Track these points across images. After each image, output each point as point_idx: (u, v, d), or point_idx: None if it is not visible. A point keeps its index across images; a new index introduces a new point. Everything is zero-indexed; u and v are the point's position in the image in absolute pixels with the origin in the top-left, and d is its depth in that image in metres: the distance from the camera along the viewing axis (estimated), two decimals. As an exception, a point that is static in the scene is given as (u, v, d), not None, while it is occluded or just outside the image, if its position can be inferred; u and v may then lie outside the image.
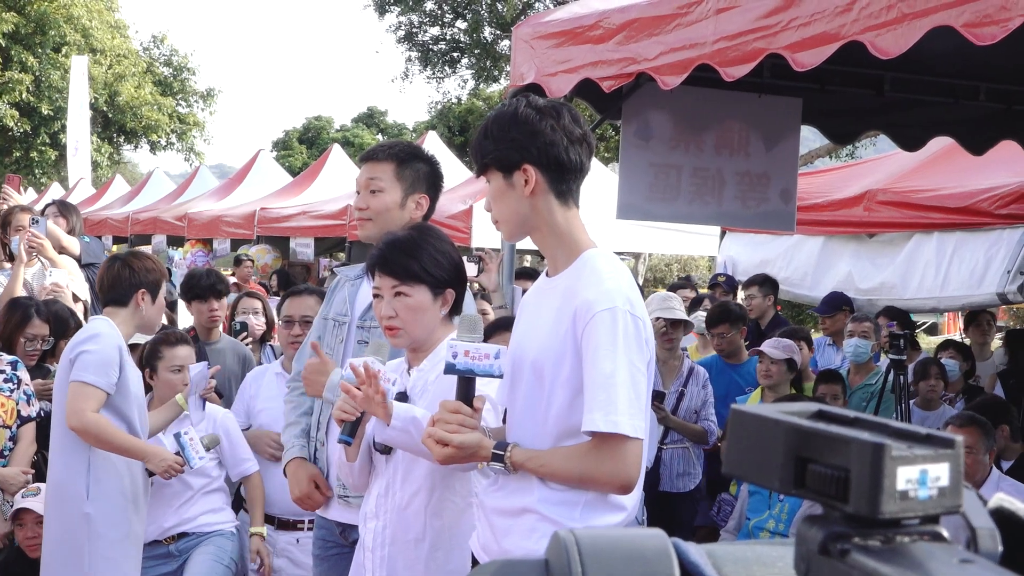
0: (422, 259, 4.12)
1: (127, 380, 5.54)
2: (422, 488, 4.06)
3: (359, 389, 3.80)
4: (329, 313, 5.02)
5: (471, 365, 3.47)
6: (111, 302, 5.75)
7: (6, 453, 6.39)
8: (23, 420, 6.49)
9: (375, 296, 4.22)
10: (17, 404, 6.45)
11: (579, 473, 3.39)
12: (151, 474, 5.71)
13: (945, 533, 0.91)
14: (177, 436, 5.54)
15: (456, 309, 4.19)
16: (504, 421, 3.77)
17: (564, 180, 3.61)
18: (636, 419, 3.34)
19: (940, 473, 0.88)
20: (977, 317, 10.81)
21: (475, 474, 4.04)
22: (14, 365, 6.53)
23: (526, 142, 3.55)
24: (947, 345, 9.47)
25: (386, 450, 4.13)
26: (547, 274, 3.76)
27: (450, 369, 3.50)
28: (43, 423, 6.61)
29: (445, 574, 4.05)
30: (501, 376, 3.51)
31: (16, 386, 6.47)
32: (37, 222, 8.32)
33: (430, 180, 4.97)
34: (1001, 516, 1.02)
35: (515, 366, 3.57)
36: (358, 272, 5.02)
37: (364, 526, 4.22)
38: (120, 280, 5.71)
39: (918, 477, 0.88)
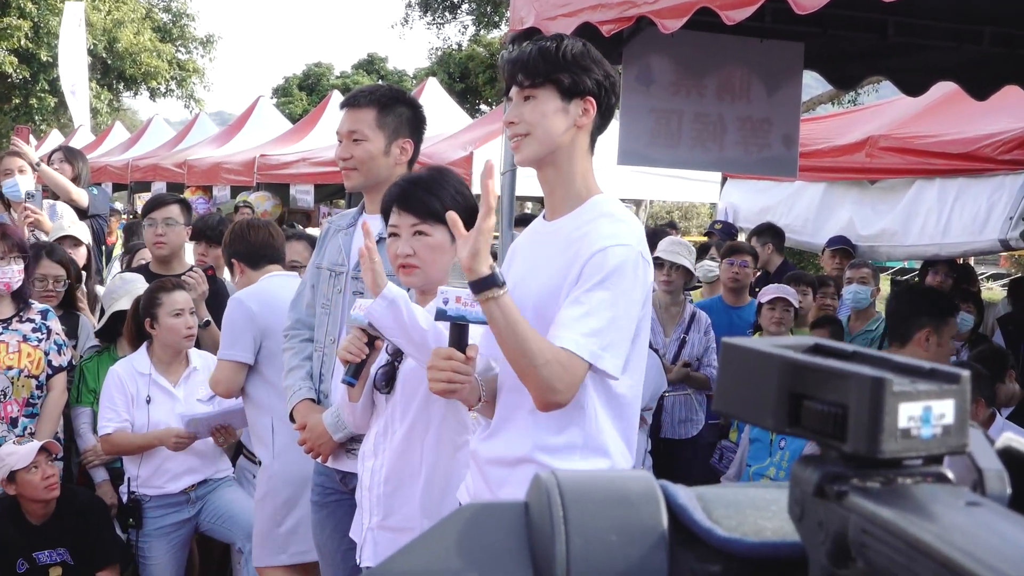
0: (443, 198, 4.09)
1: (276, 344, 5.52)
2: (417, 424, 4.07)
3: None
4: (323, 262, 4.98)
5: (463, 312, 3.42)
6: None
7: (34, 402, 6.40)
8: (55, 370, 6.49)
9: (391, 235, 4.18)
10: (47, 354, 6.45)
11: (542, 365, 3.27)
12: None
13: (950, 474, 0.86)
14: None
15: None
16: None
17: (602, 128, 3.65)
18: (615, 357, 3.36)
19: (945, 410, 0.83)
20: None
21: (467, 418, 4.03)
22: (44, 314, 6.53)
23: (600, 77, 3.57)
24: (965, 297, 9.41)
25: (386, 389, 4.11)
26: (544, 217, 3.72)
27: (441, 315, 3.46)
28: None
29: (439, 513, 4.01)
30: None
31: (46, 336, 6.48)
32: (32, 196, 8.31)
33: (413, 124, 4.91)
34: (1010, 456, 0.97)
35: None
36: (349, 220, 4.99)
37: (362, 465, 4.24)
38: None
39: (921, 414, 0.82)
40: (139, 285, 6.77)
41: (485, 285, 3.28)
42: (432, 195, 4.11)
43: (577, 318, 3.30)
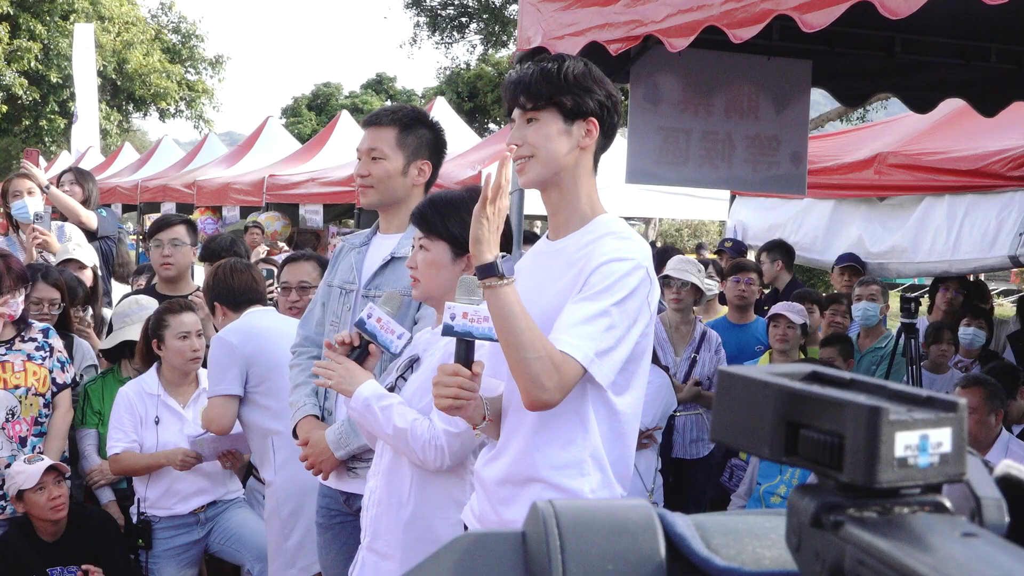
0: (450, 218, 4.11)
1: (262, 369, 5.70)
2: None
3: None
4: (334, 280, 4.99)
5: (469, 328, 3.43)
6: None
7: (42, 420, 6.41)
8: (59, 387, 6.50)
9: (413, 246, 4.27)
10: (51, 372, 6.46)
11: (532, 356, 3.26)
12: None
13: (947, 503, 0.85)
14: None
15: None
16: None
17: (605, 147, 3.65)
18: (606, 366, 3.34)
19: (942, 439, 0.83)
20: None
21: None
22: (46, 333, 6.54)
23: (602, 98, 3.57)
24: (976, 313, 9.38)
25: None
26: (548, 237, 3.72)
27: (448, 331, 3.46)
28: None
29: (422, 544, 4.04)
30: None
31: (49, 354, 6.49)
32: (41, 218, 8.33)
33: (433, 146, 4.92)
34: (1008, 485, 0.96)
35: None
36: (363, 239, 5.00)
37: (367, 484, 4.29)
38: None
39: (918, 443, 0.82)
40: (143, 317, 6.79)
41: (484, 273, 3.32)
42: (440, 214, 4.14)
43: (575, 323, 3.30)
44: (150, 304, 6.94)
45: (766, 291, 10.52)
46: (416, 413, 3.99)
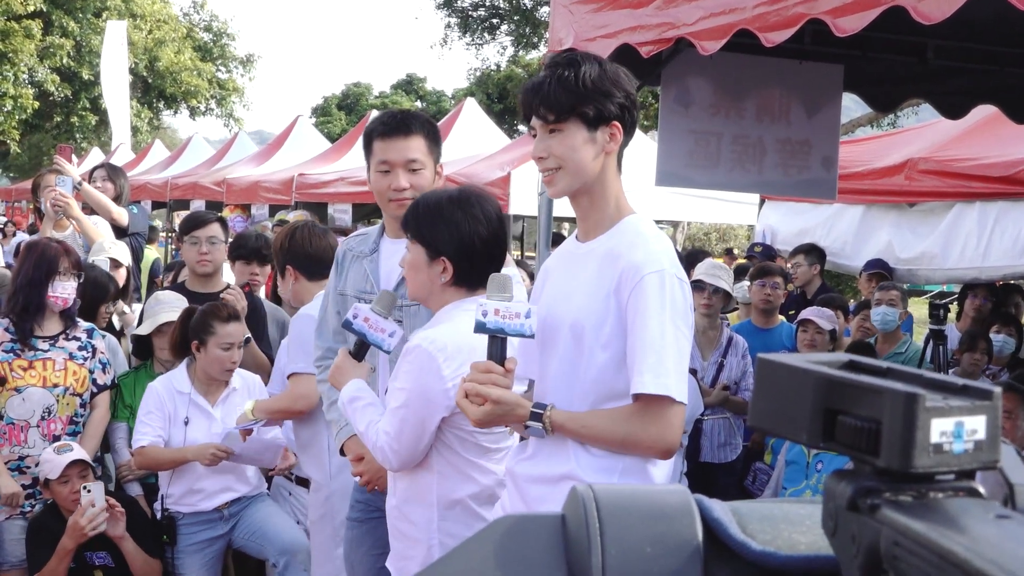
0: (423, 221, 4.04)
1: None
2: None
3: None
4: (346, 289, 4.89)
5: (501, 324, 3.41)
6: None
7: (77, 420, 6.45)
8: (99, 388, 6.55)
9: None
10: (92, 373, 6.50)
11: (623, 435, 3.35)
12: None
13: (981, 489, 0.87)
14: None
15: (463, 281, 4.03)
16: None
17: (627, 143, 3.63)
18: (682, 384, 3.36)
19: (976, 426, 0.84)
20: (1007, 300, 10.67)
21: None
22: (89, 333, 6.59)
23: (622, 99, 3.54)
24: (1005, 320, 9.32)
25: None
26: (577, 238, 3.71)
27: (480, 328, 3.43)
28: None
29: (399, 531, 4.11)
30: (532, 336, 3.45)
31: (91, 355, 6.53)
32: (64, 183, 8.34)
33: (440, 145, 4.90)
34: (1041, 473, 0.98)
35: (548, 331, 3.52)
36: (371, 246, 4.89)
37: None
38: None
39: (953, 430, 0.83)
40: (179, 307, 6.74)
41: (536, 417, 3.40)
42: (416, 216, 4.07)
43: (646, 367, 3.31)
44: (175, 299, 6.91)
45: (794, 292, 10.51)
46: (379, 415, 4.03)
